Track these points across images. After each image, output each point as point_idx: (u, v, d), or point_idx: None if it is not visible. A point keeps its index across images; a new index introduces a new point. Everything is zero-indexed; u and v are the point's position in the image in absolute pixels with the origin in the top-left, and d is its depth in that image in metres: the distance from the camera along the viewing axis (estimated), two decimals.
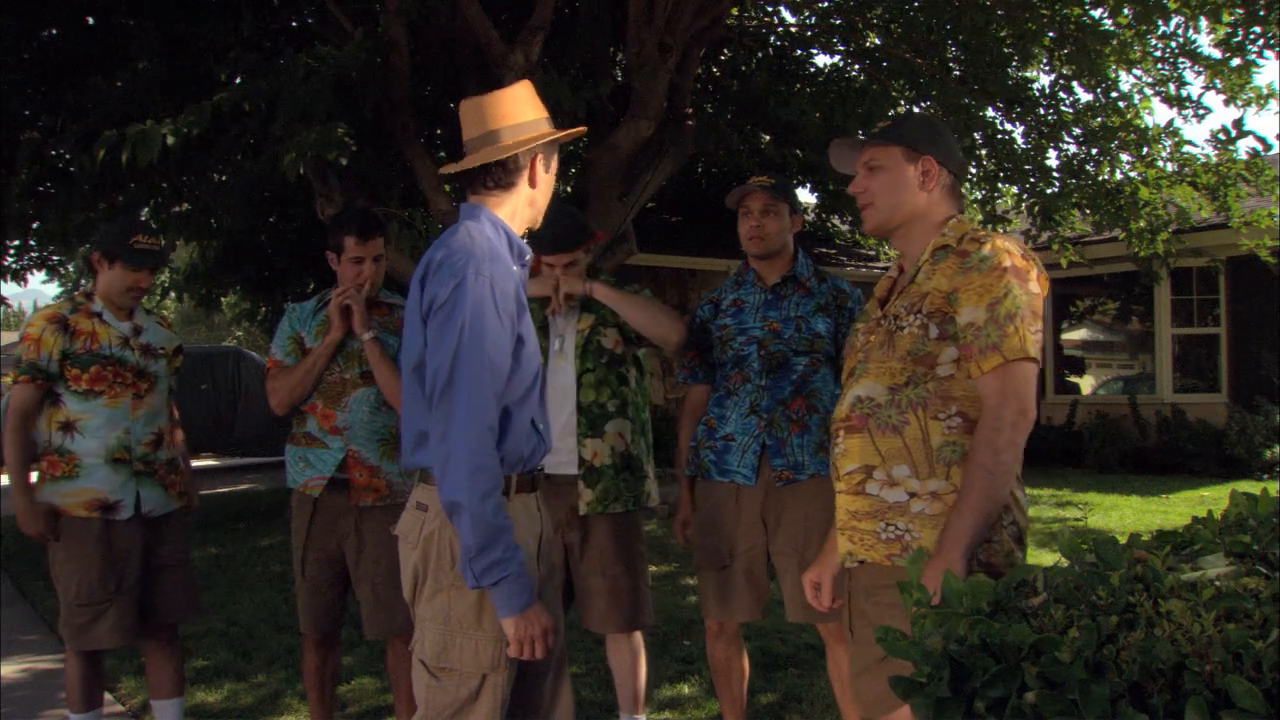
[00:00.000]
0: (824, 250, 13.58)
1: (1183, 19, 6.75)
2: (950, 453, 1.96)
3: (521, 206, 2.21)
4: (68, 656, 3.29)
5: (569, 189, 13.30)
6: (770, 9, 9.38)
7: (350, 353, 3.20)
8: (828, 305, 3.10)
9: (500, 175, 2.17)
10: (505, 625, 1.99)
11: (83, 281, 12.43)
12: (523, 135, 2.16)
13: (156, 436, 3.30)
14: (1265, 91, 7.01)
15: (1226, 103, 7.14)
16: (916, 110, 8.47)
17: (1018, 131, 8.65)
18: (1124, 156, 8.45)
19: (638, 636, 3.29)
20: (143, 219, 7.62)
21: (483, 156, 2.16)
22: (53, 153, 6.40)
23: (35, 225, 7.85)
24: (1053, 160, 8.62)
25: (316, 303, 3.35)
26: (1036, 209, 8.85)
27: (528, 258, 2.21)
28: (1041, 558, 6.26)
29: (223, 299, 11.81)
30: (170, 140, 4.85)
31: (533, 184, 2.20)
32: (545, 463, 2.34)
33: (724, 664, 3.23)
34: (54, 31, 6.93)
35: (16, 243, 8.43)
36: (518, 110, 2.19)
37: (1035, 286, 1.98)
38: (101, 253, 3.29)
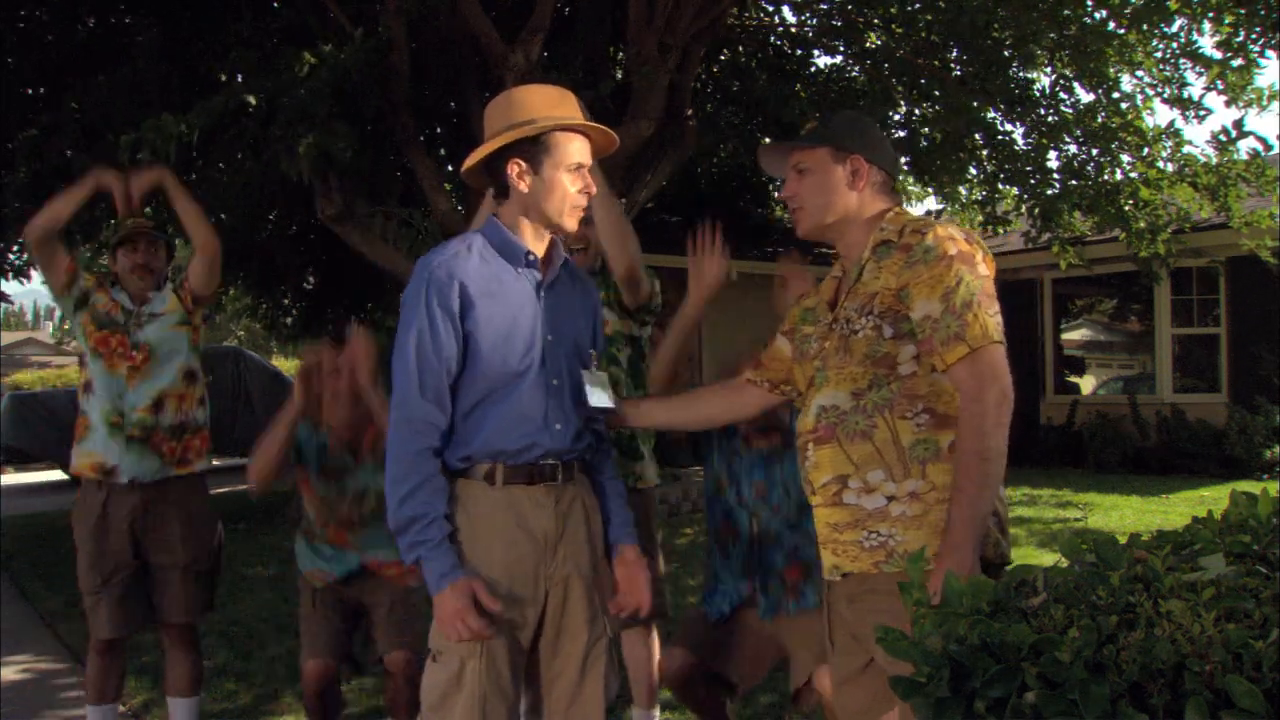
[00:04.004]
0: (824, 250, 13.55)
1: (1185, 19, 6.75)
2: (923, 451, 1.92)
3: (528, 210, 2.20)
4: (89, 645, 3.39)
5: None
6: (770, 9, 9.38)
7: (360, 491, 3.17)
8: None
9: (494, 186, 2.24)
10: None
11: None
12: (486, 147, 2.18)
13: (156, 402, 3.28)
14: (1266, 92, 7.01)
15: (1228, 103, 7.14)
16: (843, 110, 8.48)
17: (1018, 132, 8.65)
18: (1124, 157, 8.46)
19: (653, 630, 3.28)
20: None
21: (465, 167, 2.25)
22: (53, 151, 6.40)
23: None
24: (1053, 161, 8.63)
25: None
26: (1036, 210, 8.85)
27: (531, 258, 2.20)
28: (1041, 558, 6.26)
29: (224, 295, 11.83)
30: (184, 130, 4.82)
31: (522, 190, 2.18)
32: None
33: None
34: (54, 31, 6.93)
35: (18, 245, 8.43)
36: (491, 121, 2.21)
37: (983, 269, 1.94)
38: (109, 250, 3.44)
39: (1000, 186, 9.23)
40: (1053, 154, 8.58)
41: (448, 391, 2.10)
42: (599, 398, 2.24)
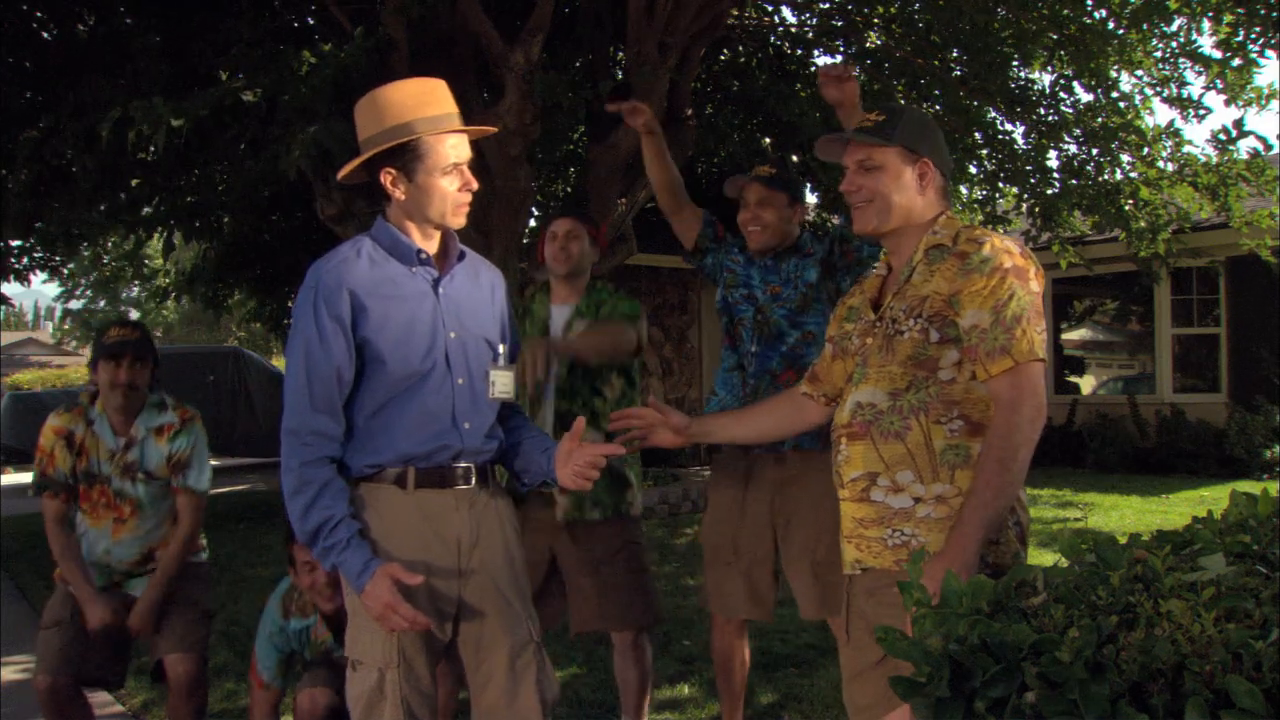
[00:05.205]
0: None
1: (1185, 19, 6.74)
2: (954, 456, 1.95)
3: (410, 214, 2.15)
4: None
5: (569, 189, 13.30)
6: (770, 9, 9.38)
7: None
8: (822, 258, 3.11)
9: (375, 188, 2.17)
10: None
11: (82, 281, 12.44)
12: (362, 154, 2.13)
13: (144, 555, 3.18)
14: (1266, 91, 7.01)
15: (1227, 103, 7.13)
16: (908, 105, 8.47)
17: (1018, 132, 8.65)
18: (1124, 157, 8.46)
19: (644, 643, 3.24)
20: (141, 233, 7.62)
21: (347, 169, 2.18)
22: (54, 152, 6.39)
23: (37, 225, 7.85)
24: (1053, 161, 8.63)
25: (284, 598, 3.06)
26: (1037, 209, 8.85)
27: (423, 256, 2.16)
28: (1042, 558, 6.26)
29: (229, 299, 11.81)
30: (176, 122, 4.74)
31: (399, 197, 2.12)
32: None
33: (725, 655, 3.23)
34: (54, 31, 6.92)
35: (18, 243, 8.43)
36: (361, 126, 2.15)
37: (1035, 285, 1.97)
38: (90, 364, 3.26)
39: (1000, 186, 9.23)
40: (1053, 154, 8.58)
41: (339, 400, 2.06)
42: (502, 390, 2.21)
